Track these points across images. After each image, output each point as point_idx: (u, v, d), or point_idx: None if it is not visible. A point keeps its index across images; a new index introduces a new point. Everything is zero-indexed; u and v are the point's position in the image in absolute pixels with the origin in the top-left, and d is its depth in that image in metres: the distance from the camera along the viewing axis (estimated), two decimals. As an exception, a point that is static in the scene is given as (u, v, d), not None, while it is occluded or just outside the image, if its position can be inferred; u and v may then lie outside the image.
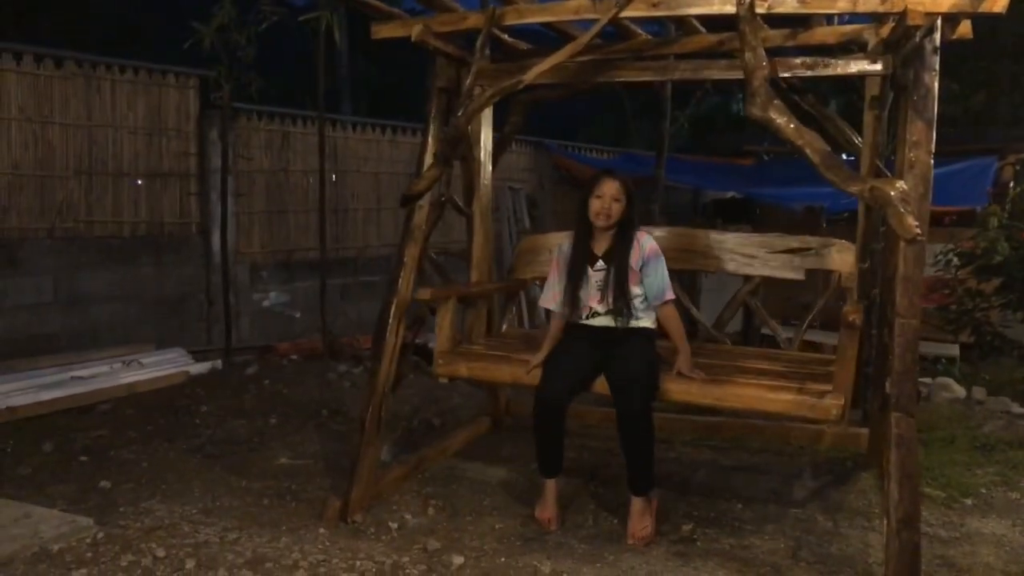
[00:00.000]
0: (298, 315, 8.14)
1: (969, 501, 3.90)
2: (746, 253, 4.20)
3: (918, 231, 3.00)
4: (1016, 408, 5.34)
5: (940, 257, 6.68)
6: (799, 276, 4.11)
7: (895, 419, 2.96)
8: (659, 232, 4.41)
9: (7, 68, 6.13)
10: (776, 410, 3.37)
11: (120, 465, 4.20)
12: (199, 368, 6.18)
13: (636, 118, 12.99)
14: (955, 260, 6.54)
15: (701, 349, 4.14)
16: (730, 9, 3.19)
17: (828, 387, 3.26)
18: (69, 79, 6.47)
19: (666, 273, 3.61)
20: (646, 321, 3.62)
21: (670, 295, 3.60)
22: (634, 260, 3.56)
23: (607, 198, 3.53)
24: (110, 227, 6.76)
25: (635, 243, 3.58)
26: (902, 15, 2.99)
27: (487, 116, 4.26)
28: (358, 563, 3.09)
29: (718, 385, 3.41)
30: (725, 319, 4.29)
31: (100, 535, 3.29)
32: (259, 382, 6.04)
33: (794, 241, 4.13)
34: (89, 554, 3.13)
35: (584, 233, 3.63)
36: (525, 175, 10.78)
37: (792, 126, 3.11)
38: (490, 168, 4.33)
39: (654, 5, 3.34)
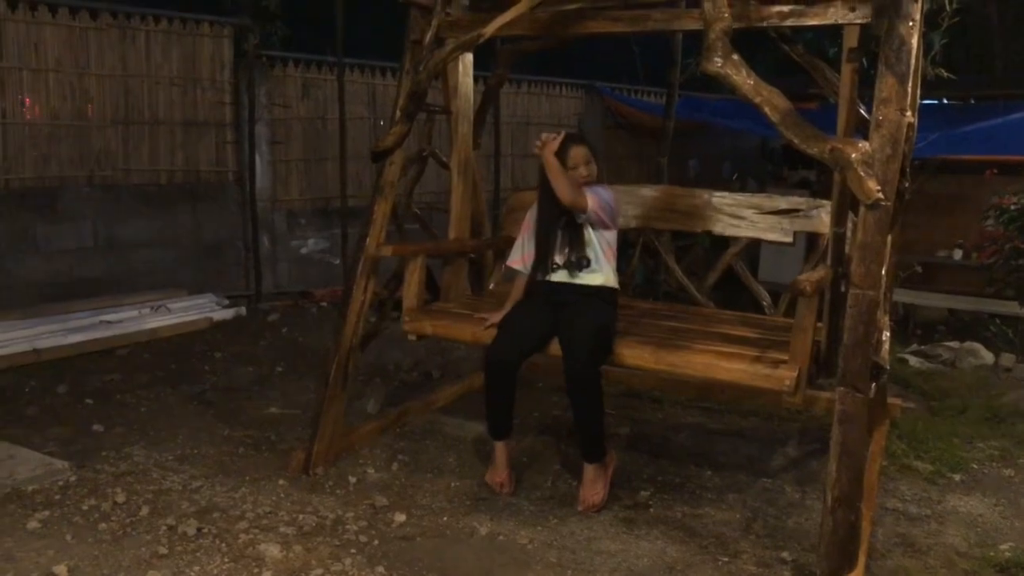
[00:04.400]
0: (337, 261, 8.28)
1: (957, 477, 3.72)
2: (734, 214, 4.03)
3: (879, 195, 2.84)
4: (1046, 377, 5.04)
5: (990, 212, 6.27)
6: (787, 239, 3.93)
7: (840, 393, 2.82)
8: (646, 190, 4.29)
9: (44, 21, 6.32)
10: (729, 379, 3.25)
11: (120, 409, 4.41)
12: (223, 314, 6.38)
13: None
14: (991, 216, 6.13)
15: (676, 311, 4.05)
16: (688, -44, 3.00)
17: (785, 356, 3.13)
18: (104, 30, 6.63)
19: (602, 192, 3.48)
20: (599, 277, 3.51)
21: (591, 194, 3.45)
22: (590, 207, 3.45)
23: (581, 165, 3.49)
24: (147, 175, 6.97)
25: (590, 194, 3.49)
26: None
27: (467, 67, 4.17)
28: (301, 517, 3.18)
29: (671, 351, 3.30)
30: (709, 281, 4.15)
31: (73, 478, 3.47)
32: (277, 329, 6.21)
33: (783, 202, 3.96)
34: (57, 496, 3.31)
35: (550, 194, 3.54)
36: (576, 120, 10.58)
37: (750, 82, 2.94)
38: (469, 120, 4.24)
39: (614, -47, 3.16)
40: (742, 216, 4.00)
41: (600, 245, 3.50)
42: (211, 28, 7.20)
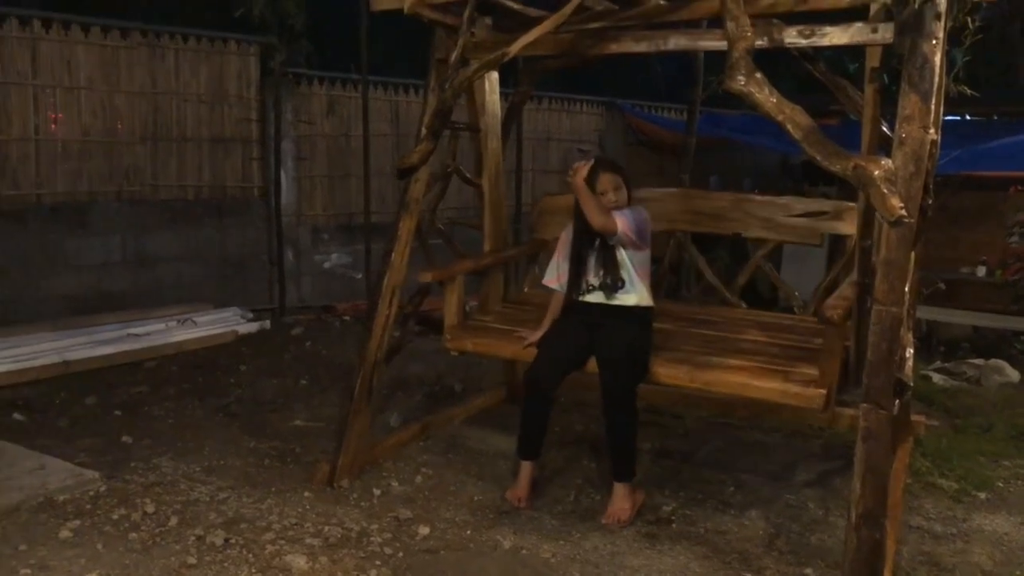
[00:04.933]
0: (359, 276, 8.35)
1: (983, 495, 3.69)
2: (763, 216, 4.11)
3: (902, 212, 2.85)
4: (1073, 395, 4.99)
5: (1014, 229, 6.24)
6: (816, 241, 4.02)
7: (864, 411, 2.82)
8: (674, 192, 4.38)
9: (76, 40, 6.47)
10: (762, 396, 3.31)
11: (147, 421, 4.47)
12: (248, 327, 6.46)
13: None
14: (1015, 232, 6.09)
15: (708, 314, 4.12)
16: (711, -23, 3.04)
17: (815, 372, 3.16)
18: (134, 49, 6.77)
19: (632, 215, 3.50)
20: (634, 297, 3.56)
21: (620, 217, 3.46)
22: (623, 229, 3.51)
23: (609, 191, 3.53)
24: (175, 191, 7.10)
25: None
26: (885, -20, 2.77)
27: (493, 85, 4.23)
28: (327, 528, 3.22)
29: (705, 370, 3.37)
30: (739, 282, 4.23)
31: (103, 488, 3.53)
32: (301, 343, 6.27)
33: (811, 204, 4.02)
34: (88, 506, 3.37)
35: (583, 218, 3.60)
36: (596, 136, 10.63)
37: (773, 100, 2.97)
38: (497, 137, 4.30)
39: (637, -27, 3.21)
40: (771, 219, 4.07)
41: (633, 265, 3.54)
42: (238, 46, 7.33)
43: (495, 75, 4.22)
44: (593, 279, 3.61)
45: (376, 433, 4.16)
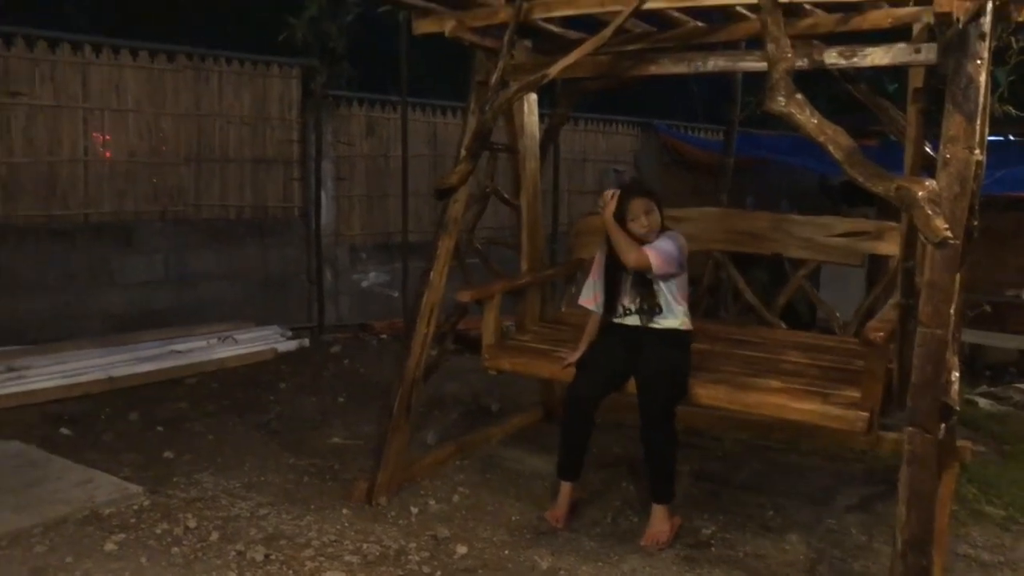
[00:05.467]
0: (396, 294, 8.41)
1: (1031, 522, 3.61)
2: (803, 236, 4.10)
3: (947, 234, 2.81)
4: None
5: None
6: (856, 261, 3.99)
7: (909, 434, 2.78)
8: (712, 211, 4.37)
9: (125, 64, 6.65)
10: (802, 419, 3.28)
11: (189, 437, 4.54)
12: (287, 345, 6.53)
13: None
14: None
15: (747, 334, 4.10)
16: (751, 0, 3.05)
17: (857, 394, 3.13)
18: (180, 72, 6.93)
19: (665, 245, 3.48)
20: (673, 321, 3.55)
21: (652, 251, 3.45)
22: None
23: (640, 216, 3.50)
24: (217, 210, 7.23)
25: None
26: (928, 2, 2.76)
27: (532, 107, 4.27)
28: (365, 546, 3.23)
29: (745, 392, 3.35)
30: (779, 302, 4.20)
31: (147, 502, 3.59)
32: (340, 360, 6.33)
33: (851, 224, 4.00)
34: (133, 520, 3.43)
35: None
36: (632, 157, 10.64)
37: (814, 121, 2.95)
38: (536, 158, 4.33)
39: (676, -5, 3.23)
40: (811, 239, 4.05)
41: (669, 292, 3.53)
42: (280, 69, 7.47)
43: (534, 97, 4.26)
44: (629, 303, 3.60)
45: (413, 451, 4.18)
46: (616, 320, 3.65)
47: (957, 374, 3.52)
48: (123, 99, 6.64)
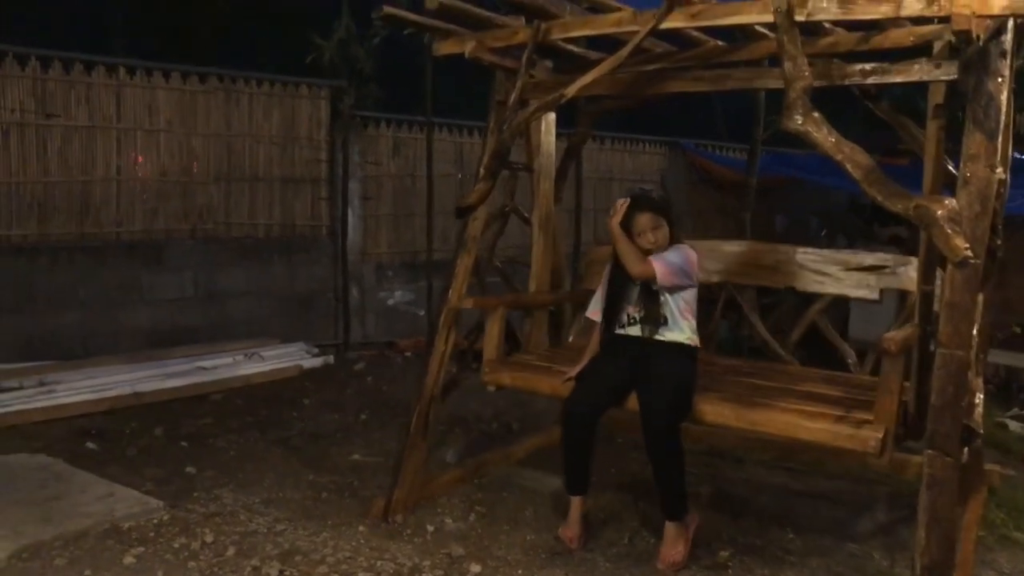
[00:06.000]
0: (422, 313, 8.46)
1: (1062, 550, 3.51)
2: (818, 270, 4.00)
3: (968, 253, 2.77)
4: None
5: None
6: (874, 296, 3.88)
7: (929, 457, 2.74)
8: (729, 246, 4.30)
9: (158, 85, 6.80)
10: (812, 438, 3.21)
11: (211, 452, 4.58)
12: (312, 362, 6.59)
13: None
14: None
15: (759, 368, 4.01)
16: (767, 18, 3.04)
17: (870, 416, 3.06)
18: (211, 93, 7.07)
19: (672, 256, 3.46)
20: (679, 334, 3.51)
21: (659, 261, 3.43)
22: None
23: (647, 232, 3.50)
24: (246, 228, 7.34)
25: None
26: (946, 20, 2.74)
27: (549, 126, 4.29)
28: (379, 563, 3.24)
29: (752, 409, 3.28)
30: (793, 337, 4.10)
31: (166, 517, 3.63)
32: (363, 378, 6.37)
33: (869, 258, 3.91)
34: (152, 534, 3.46)
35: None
36: (659, 176, 10.62)
37: (832, 139, 2.93)
38: (550, 177, 4.34)
39: (693, 16, 3.24)
40: (827, 272, 3.97)
41: (676, 304, 3.49)
42: (309, 90, 7.59)
43: (552, 116, 4.28)
44: (635, 312, 3.57)
45: (432, 469, 4.19)
46: (619, 331, 3.60)
47: (981, 396, 3.45)
48: (155, 120, 6.79)
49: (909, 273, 3.72)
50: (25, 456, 4.29)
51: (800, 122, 2.96)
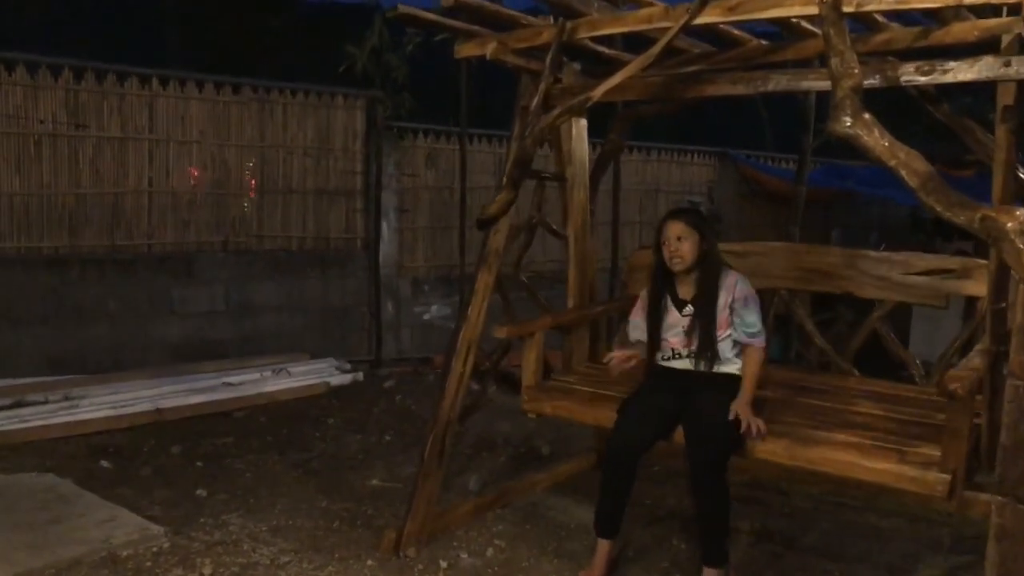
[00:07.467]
0: (459, 328, 8.25)
1: None
2: (878, 275, 3.70)
3: (1042, 271, 2.43)
4: None
5: None
6: (939, 302, 3.56)
7: (997, 505, 2.40)
8: (779, 246, 4.03)
9: (191, 96, 6.71)
10: (873, 479, 2.90)
11: (226, 474, 4.40)
12: (341, 379, 6.40)
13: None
14: None
15: (817, 382, 3.72)
16: (812, 10, 2.75)
17: (937, 452, 2.74)
18: (245, 103, 6.97)
19: (758, 319, 3.25)
20: (731, 366, 3.24)
21: (759, 342, 3.21)
22: (723, 303, 3.24)
23: (672, 240, 3.27)
24: (279, 241, 7.20)
25: (723, 285, 3.25)
26: (1017, 10, 2.41)
27: (580, 133, 4.03)
28: (384, 603, 3.00)
29: (807, 446, 2.98)
30: (852, 346, 3.80)
31: (166, 545, 3.44)
32: (392, 396, 6.15)
33: (933, 261, 3.59)
34: (148, 563, 3.28)
35: (663, 277, 3.34)
36: (707, 187, 10.27)
37: (884, 143, 2.61)
38: (584, 187, 4.08)
39: (730, 9, 2.96)
40: (887, 277, 3.65)
41: (731, 339, 3.25)
42: (344, 100, 7.43)
43: (583, 122, 4.03)
44: (681, 348, 3.30)
45: (453, 497, 3.96)
46: (663, 363, 3.35)
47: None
48: (188, 131, 6.70)
49: (977, 277, 3.38)
50: (33, 476, 4.16)
51: (848, 124, 2.65)
